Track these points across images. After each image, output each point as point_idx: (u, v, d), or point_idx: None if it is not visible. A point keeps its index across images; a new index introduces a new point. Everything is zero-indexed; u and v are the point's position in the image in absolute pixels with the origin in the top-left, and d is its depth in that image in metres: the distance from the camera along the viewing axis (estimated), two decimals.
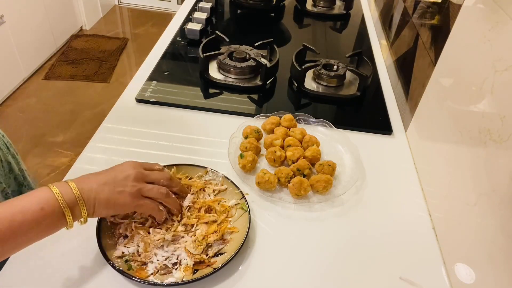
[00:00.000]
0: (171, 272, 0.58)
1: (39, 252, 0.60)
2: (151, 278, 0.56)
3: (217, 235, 0.62)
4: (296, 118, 0.89)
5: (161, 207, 0.61)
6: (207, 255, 0.61)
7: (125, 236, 0.62)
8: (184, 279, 0.56)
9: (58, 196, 0.51)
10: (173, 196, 0.63)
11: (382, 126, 0.93)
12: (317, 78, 1.06)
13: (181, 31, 1.26)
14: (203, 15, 1.27)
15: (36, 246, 0.61)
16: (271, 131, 0.86)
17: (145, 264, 0.58)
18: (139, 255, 0.59)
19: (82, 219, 0.54)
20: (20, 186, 0.79)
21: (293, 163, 0.77)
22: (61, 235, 0.62)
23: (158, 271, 0.58)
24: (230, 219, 0.66)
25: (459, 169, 0.66)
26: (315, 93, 1.02)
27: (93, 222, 0.61)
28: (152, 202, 0.60)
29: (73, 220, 0.53)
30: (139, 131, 0.86)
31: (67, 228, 0.53)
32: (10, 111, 2.39)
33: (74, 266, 0.59)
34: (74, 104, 2.49)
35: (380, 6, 1.50)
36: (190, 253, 0.60)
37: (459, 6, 0.74)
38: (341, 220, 0.71)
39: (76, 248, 0.61)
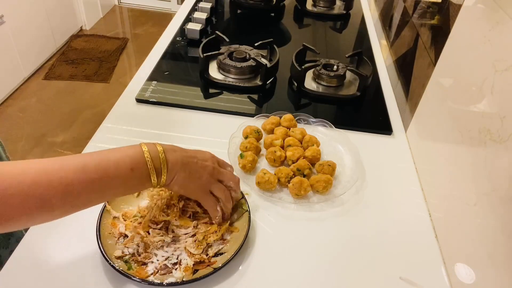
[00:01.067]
0: (171, 272, 0.58)
1: (39, 251, 0.60)
2: (151, 278, 0.56)
3: (217, 235, 0.62)
4: (296, 118, 0.89)
5: (218, 208, 0.63)
6: (207, 255, 0.61)
7: (125, 236, 0.62)
8: (184, 279, 0.56)
9: (148, 159, 0.53)
10: (231, 204, 0.65)
11: (382, 126, 0.93)
12: (317, 78, 1.06)
13: (181, 31, 1.26)
14: (203, 15, 1.27)
15: (36, 246, 0.61)
16: (271, 131, 0.86)
17: (145, 264, 0.59)
18: (139, 255, 0.59)
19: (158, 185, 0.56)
20: None
21: (293, 163, 0.77)
22: (61, 234, 0.63)
23: (158, 271, 0.58)
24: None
25: (459, 169, 0.66)
26: (315, 93, 1.02)
27: (93, 221, 0.61)
28: (215, 200, 0.62)
29: (157, 183, 0.55)
30: (139, 131, 0.86)
31: (155, 187, 0.56)
32: (10, 111, 2.39)
33: (74, 266, 0.59)
34: (74, 104, 2.49)
35: (380, 6, 1.50)
36: (191, 253, 0.60)
37: (459, 6, 0.74)
38: (341, 220, 0.71)
39: (76, 248, 0.61)
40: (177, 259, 0.59)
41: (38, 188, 0.44)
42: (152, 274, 0.57)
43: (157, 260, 0.59)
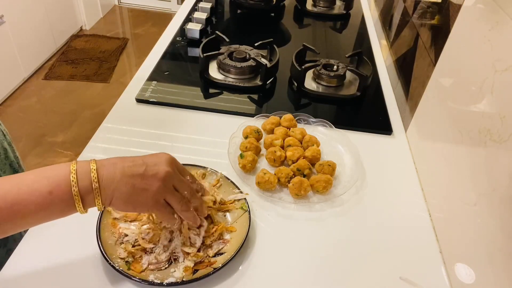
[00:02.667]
0: (167, 267, 0.58)
1: (38, 251, 0.60)
2: (151, 278, 0.56)
3: (214, 237, 0.63)
4: (296, 118, 0.89)
5: (176, 215, 0.57)
6: (207, 255, 0.61)
7: (125, 236, 0.62)
8: (184, 279, 0.56)
9: (72, 180, 0.46)
10: (192, 211, 0.58)
11: (382, 126, 0.93)
12: (317, 78, 1.06)
13: (181, 31, 1.26)
14: (203, 15, 1.27)
15: (36, 246, 0.61)
16: (271, 131, 0.86)
17: (145, 251, 0.59)
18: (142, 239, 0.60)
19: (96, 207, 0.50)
20: (15, 173, 0.79)
21: (293, 163, 0.77)
22: (61, 234, 0.63)
23: (148, 265, 0.58)
24: (228, 214, 0.67)
25: (459, 169, 0.66)
26: (315, 93, 1.02)
27: (93, 221, 0.61)
28: (170, 210, 0.55)
29: (85, 208, 0.49)
30: (139, 131, 0.86)
31: (82, 213, 0.49)
32: (10, 111, 2.39)
33: (74, 266, 0.59)
34: (74, 104, 2.49)
35: (380, 6, 1.50)
36: (186, 252, 0.60)
37: (459, 6, 0.74)
38: (341, 220, 0.71)
39: (76, 248, 0.61)
40: (172, 258, 0.60)
41: None
42: (146, 268, 0.58)
43: (152, 253, 0.60)
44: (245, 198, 0.69)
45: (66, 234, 0.63)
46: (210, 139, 0.85)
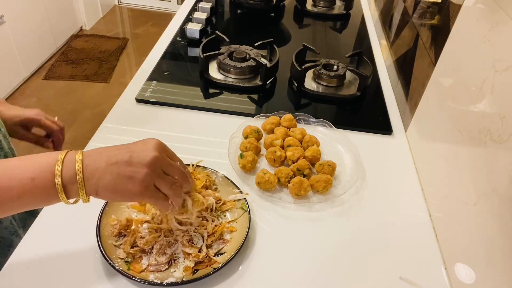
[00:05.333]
0: (167, 268, 0.58)
1: (38, 251, 0.60)
2: (151, 278, 0.56)
3: (215, 236, 0.63)
4: (296, 118, 0.89)
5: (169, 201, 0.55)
6: (207, 255, 0.61)
7: (124, 235, 0.62)
8: (184, 279, 0.56)
9: (57, 169, 0.45)
10: (182, 197, 0.58)
11: (382, 126, 0.93)
12: (317, 78, 1.06)
13: (181, 31, 1.26)
14: (203, 15, 1.27)
15: (36, 246, 0.61)
16: (271, 131, 0.86)
17: (144, 251, 0.60)
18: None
19: (80, 199, 0.49)
20: None
21: (293, 163, 0.77)
22: (61, 234, 0.63)
23: (148, 266, 0.58)
24: (228, 214, 0.67)
25: (459, 169, 0.66)
26: (315, 93, 1.02)
27: (93, 221, 0.61)
28: (161, 196, 0.53)
29: (69, 198, 0.48)
30: (139, 131, 0.86)
31: (67, 203, 0.48)
32: None
33: (74, 265, 0.59)
34: (74, 104, 2.49)
35: (380, 6, 1.50)
36: (187, 253, 0.60)
37: (459, 6, 0.74)
38: (341, 220, 0.71)
39: (76, 247, 0.61)
40: (172, 260, 0.60)
41: None
42: (145, 268, 0.58)
43: (152, 253, 0.60)
44: (245, 198, 0.69)
45: (66, 234, 0.63)
46: (210, 139, 0.85)
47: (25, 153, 0.47)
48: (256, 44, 1.10)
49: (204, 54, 1.02)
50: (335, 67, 1.06)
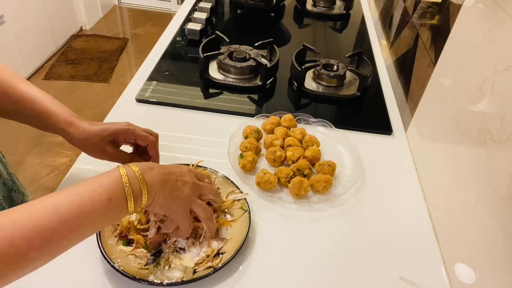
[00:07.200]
0: (167, 269, 0.59)
1: None
2: (151, 278, 0.56)
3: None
4: (296, 118, 0.89)
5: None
6: (207, 255, 0.61)
7: (126, 236, 0.62)
8: (184, 279, 0.57)
9: (126, 185, 0.48)
10: (215, 222, 0.62)
11: (382, 126, 0.93)
12: (317, 78, 1.06)
13: (181, 31, 1.26)
14: (203, 15, 1.27)
15: None
16: (271, 131, 0.86)
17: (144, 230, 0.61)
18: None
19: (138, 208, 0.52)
20: (9, 191, 0.74)
21: (293, 163, 0.77)
22: None
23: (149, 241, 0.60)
24: (228, 215, 0.67)
25: (459, 169, 0.66)
26: (315, 93, 1.03)
27: None
28: (192, 222, 0.58)
29: (135, 209, 0.51)
30: None
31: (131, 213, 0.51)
32: None
33: (74, 265, 0.59)
34: (74, 104, 2.49)
35: (380, 6, 1.50)
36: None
37: (459, 6, 0.74)
38: (341, 220, 0.71)
39: (76, 247, 0.61)
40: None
41: (11, 246, 0.39)
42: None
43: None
44: (245, 198, 0.69)
45: None
46: (210, 139, 0.85)
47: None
48: (256, 44, 1.10)
49: (204, 54, 1.02)
50: (335, 67, 1.06)
